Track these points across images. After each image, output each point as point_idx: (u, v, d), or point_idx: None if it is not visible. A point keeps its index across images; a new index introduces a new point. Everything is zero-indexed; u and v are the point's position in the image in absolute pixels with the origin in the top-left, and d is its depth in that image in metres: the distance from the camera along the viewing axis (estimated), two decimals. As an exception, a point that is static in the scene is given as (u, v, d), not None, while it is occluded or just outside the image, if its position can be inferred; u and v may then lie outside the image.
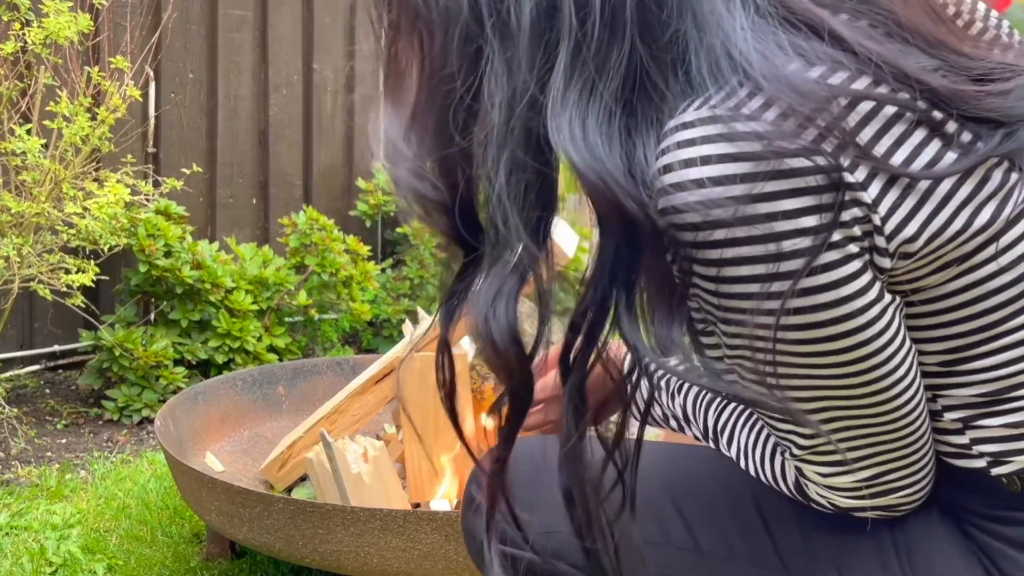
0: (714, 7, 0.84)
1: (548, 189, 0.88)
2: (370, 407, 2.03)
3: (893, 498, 0.96)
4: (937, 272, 0.87)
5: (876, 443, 0.92)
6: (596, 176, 0.83)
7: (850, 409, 0.90)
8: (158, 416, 2.01)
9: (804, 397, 0.89)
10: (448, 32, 0.87)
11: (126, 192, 2.63)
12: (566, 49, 0.84)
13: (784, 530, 1.04)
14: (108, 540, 2.06)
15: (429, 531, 1.59)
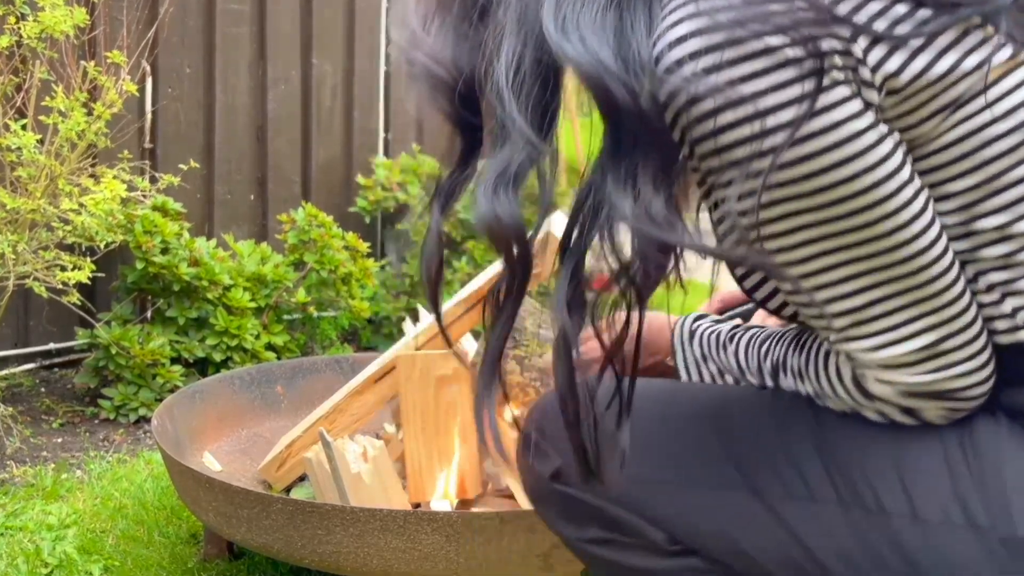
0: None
1: (552, 81, 0.95)
2: (370, 406, 2.03)
3: (955, 375, 0.95)
4: (931, 118, 0.91)
5: (912, 300, 0.93)
6: (591, 66, 0.90)
7: (874, 259, 0.92)
8: (155, 415, 2.00)
9: (827, 255, 0.93)
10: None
11: (122, 188, 2.62)
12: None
13: (835, 447, 1.03)
14: (104, 541, 2.06)
15: (430, 532, 1.59)
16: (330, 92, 3.85)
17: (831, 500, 1.02)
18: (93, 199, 2.56)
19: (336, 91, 3.87)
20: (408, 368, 1.87)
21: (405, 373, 1.87)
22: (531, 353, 1.89)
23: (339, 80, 3.87)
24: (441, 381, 1.86)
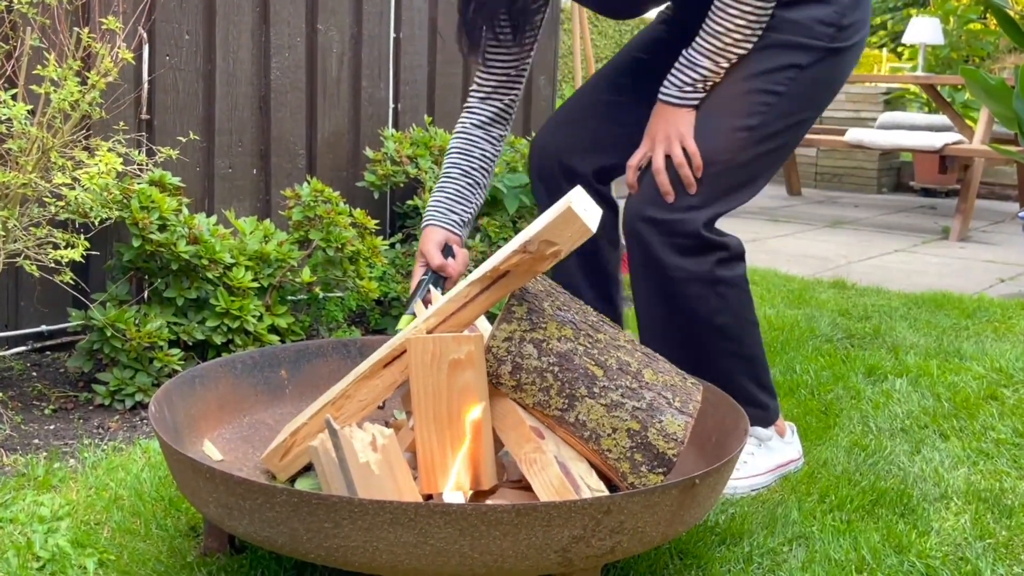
0: None
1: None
2: (378, 392, 2.02)
3: None
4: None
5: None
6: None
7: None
8: (152, 401, 2.00)
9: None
10: None
11: (118, 162, 2.62)
12: None
13: None
14: (99, 533, 2.06)
15: (442, 525, 1.58)
16: (336, 60, 3.83)
17: None
18: (87, 173, 2.56)
19: (343, 59, 3.85)
20: (419, 352, 1.86)
21: (416, 357, 1.86)
22: (549, 336, 1.88)
23: (346, 47, 3.86)
24: (454, 365, 1.85)
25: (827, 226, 6.91)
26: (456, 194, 2.45)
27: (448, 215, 2.43)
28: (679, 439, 1.86)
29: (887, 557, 2.05)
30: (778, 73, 2.19)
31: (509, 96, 2.49)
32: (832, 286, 4.70)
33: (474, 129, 2.48)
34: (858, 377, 3.23)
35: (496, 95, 2.48)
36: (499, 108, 2.48)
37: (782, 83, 2.20)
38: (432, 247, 2.37)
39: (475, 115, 2.50)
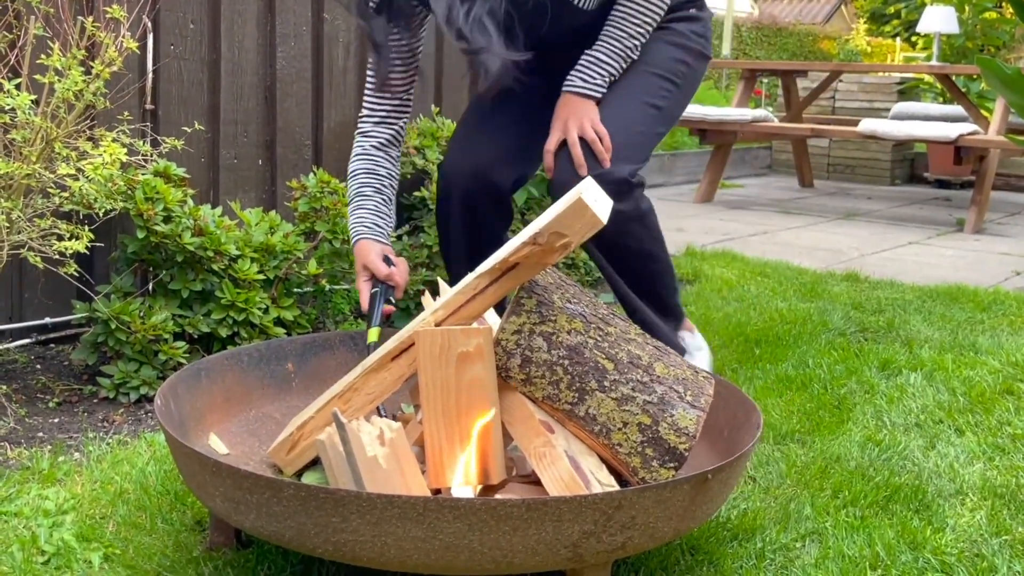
0: None
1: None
2: (386, 385, 2.02)
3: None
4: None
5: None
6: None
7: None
8: (158, 394, 2.00)
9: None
10: None
11: (122, 152, 2.62)
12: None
13: None
14: (104, 527, 2.06)
15: (451, 519, 1.59)
16: (343, 49, 3.83)
17: None
18: (92, 164, 2.56)
19: (350, 48, 3.85)
20: (428, 345, 1.86)
21: (424, 350, 1.86)
22: (559, 329, 1.88)
23: (353, 36, 3.85)
24: (463, 358, 1.85)
25: (840, 218, 6.90)
26: (376, 209, 2.54)
27: (375, 228, 2.51)
28: (691, 433, 1.86)
29: (902, 554, 2.05)
30: (676, 66, 2.58)
31: (401, 121, 2.64)
32: (845, 279, 4.69)
33: (374, 151, 2.59)
34: (872, 371, 3.23)
35: (390, 119, 2.61)
36: (393, 132, 2.62)
37: (679, 76, 2.59)
38: (374, 258, 2.44)
39: (373, 138, 2.60)
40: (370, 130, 2.62)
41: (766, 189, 8.47)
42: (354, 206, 2.54)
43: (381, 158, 2.60)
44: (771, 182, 8.99)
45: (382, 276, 2.42)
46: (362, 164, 2.59)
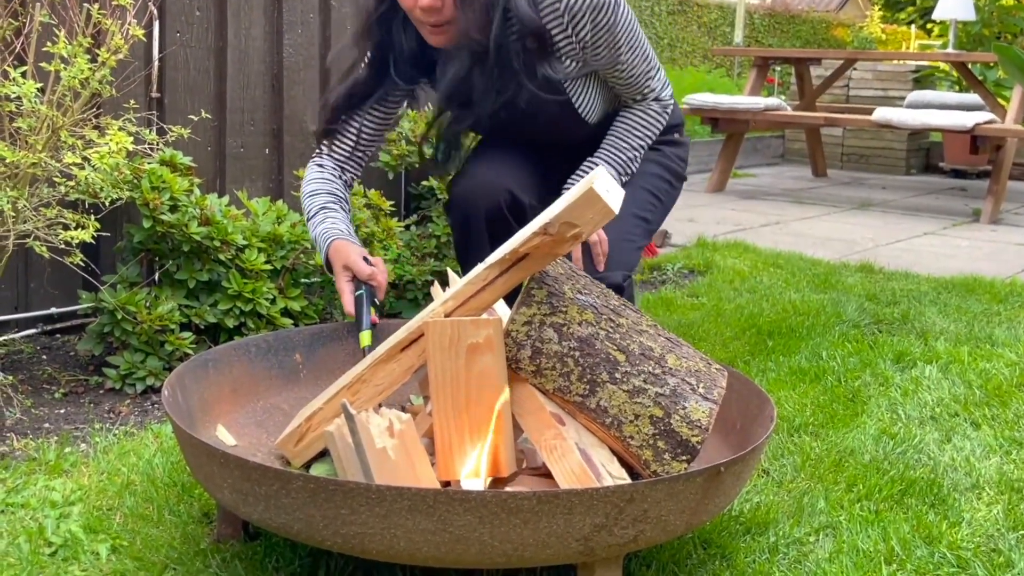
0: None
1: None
2: (395, 376, 2.02)
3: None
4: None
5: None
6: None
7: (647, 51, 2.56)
8: (165, 385, 2.01)
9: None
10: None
11: (129, 140, 2.63)
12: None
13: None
14: (112, 519, 2.07)
15: (462, 512, 1.59)
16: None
17: None
18: (98, 152, 2.56)
19: (357, 36, 3.85)
20: (437, 336, 1.87)
21: (434, 341, 1.87)
22: (570, 320, 1.88)
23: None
24: (473, 350, 1.86)
25: (854, 208, 6.89)
26: (343, 217, 2.54)
27: (347, 232, 2.49)
28: (703, 426, 1.86)
29: (917, 548, 2.05)
30: (661, 184, 2.73)
31: (353, 174, 2.67)
32: (859, 270, 4.69)
33: (333, 178, 2.61)
34: (886, 363, 3.23)
35: (347, 166, 2.64)
36: (348, 178, 2.66)
37: (663, 193, 2.74)
38: (355, 258, 2.41)
39: (329, 170, 2.62)
40: (326, 163, 2.63)
41: (779, 179, 8.45)
42: (322, 216, 2.50)
43: (336, 177, 2.61)
44: (784, 171, 8.98)
45: (364, 276, 2.39)
46: (317, 184, 2.58)
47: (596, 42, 2.44)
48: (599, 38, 2.44)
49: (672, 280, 4.48)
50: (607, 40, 2.45)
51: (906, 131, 8.03)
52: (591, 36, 2.43)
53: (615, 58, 2.49)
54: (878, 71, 9.29)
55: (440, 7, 2.30)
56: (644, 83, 2.59)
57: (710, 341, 3.44)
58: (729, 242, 5.27)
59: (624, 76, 2.55)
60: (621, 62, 2.51)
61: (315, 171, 2.62)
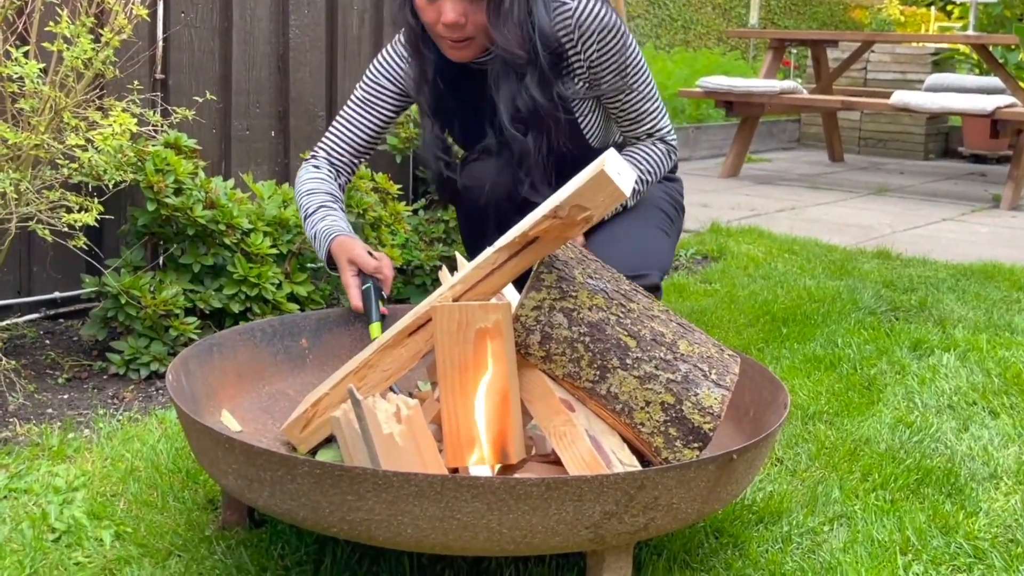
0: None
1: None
2: (402, 362, 2.03)
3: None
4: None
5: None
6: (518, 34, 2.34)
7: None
8: (169, 370, 2.02)
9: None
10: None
11: (132, 122, 2.63)
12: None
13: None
14: (115, 505, 2.08)
15: (469, 499, 1.59)
16: (358, 17, 3.83)
17: None
18: (101, 134, 2.57)
19: (364, 16, 3.85)
20: (445, 320, 1.87)
21: (442, 326, 1.87)
22: (580, 305, 1.88)
23: (368, 3, 3.85)
24: (481, 335, 1.86)
25: (871, 193, 6.88)
26: (343, 216, 2.55)
27: (348, 229, 2.50)
28: (715, 413, 1.86)
29: (933, 538, 2.05)
30: (671, 210, 2.77)
31: (347, 178, 2.71)
32: (876, 256, 4.68)
33: (324, 174, 2.64)
34: (903, 351, 3.22)
35: (342, 169, 2.68)
36: (345, 181, 2.70)
37: (674, 219, 2.78)
38: (360, 251, 2.42)
39: (323, 169, 2.65)
40: (323, 166, 2.66)
41: (794, 163, 8.43)
42: (321, 214, 2.52)
43: (335, 188, 2.62)
44: (800, 156, 8.96)
45: (370, 269, 2.39)
46: (320, 186, 2.60)
47: (603, 62, 2.48)
48: (605, 58, 2.47)
49: (685, 266, 4.48)
50: (614, 63, 2.49)
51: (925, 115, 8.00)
52: (597, 55, 2.46)
53: (622, 85, 2.53)
54: (896, 53, 9.26)
55: (464, 23, 2.35)
56: (652, 121, 2.63)
57: (723, 328, 3.44)
58: (743, 228, 5.26)
59: (632, 108, 2.58)
60: (629, 88, 2.55)
61: (311, 171, 2.64)
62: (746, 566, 1.94)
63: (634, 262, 2.45)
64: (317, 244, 2.50)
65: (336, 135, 2.68)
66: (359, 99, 2.66)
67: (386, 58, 2.65)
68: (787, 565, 1.95)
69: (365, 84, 2.67)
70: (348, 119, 2.67)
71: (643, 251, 2.55)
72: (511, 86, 2.45)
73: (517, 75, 2.43)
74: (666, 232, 2.71)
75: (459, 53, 2.43)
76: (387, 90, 2.64)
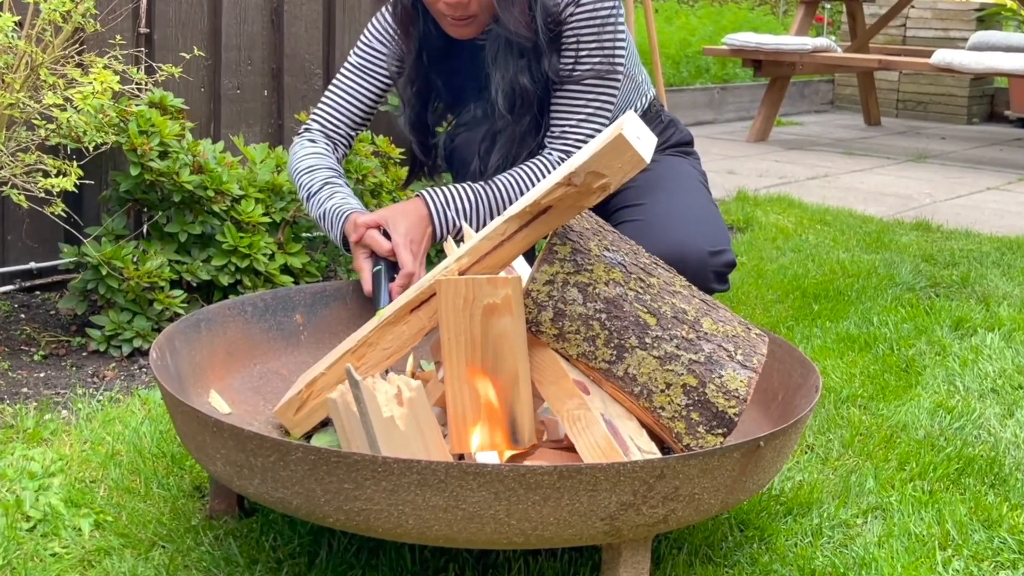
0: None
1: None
2: (404, 340, 2.02)
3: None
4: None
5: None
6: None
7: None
8: (153, 347, 2.01)
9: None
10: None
11: (114, 80, 2.62)
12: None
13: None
14: (95, 492, 2.08)
15: (476, 488, 1.59)
16: (358, -33, 3.82)
17: None
18: (81, 93, 2.56)
19: (365, -34, 3.83)
20: (451, 295, 1.86)
21: (447, 301, 1.86)
22: (596, 280, 1.87)
23: (369, -47, 3.83)
24: (489, 311, 1.85)
25: (910, 160, 6.85)
26: (350, 191, 2.55)
27: (359, 206, 2.49)
28: (741, 396, 1.85)
29: (974, 532, 2.04)
30: (707, 185, 2.77)
31: (343, 151, 2.72)
32: (915, 228, 4.66)
33: (322, 148, 2.64)
34: (944, 330, 3.21)
35: (339, 141, 2.70)
36: (342, 155, 2.72)
37: (710, 194, 2.78)
38: (374, 232, 2.39)
39: (320, 143, 2.66)
40: (319, 140, 2.67)
41: (827, 127, 8.41)
42: (328, 191, 2.51)
43: (335, 162, 2.63)
44: (833, 119, 8.93)
45: (384, 252, 2.38)
46: (321, 161, 2.60)
47: (586, 37, 2.46)
48: (590, 31, 2.46)
49: (709, 238, 4.46)
50: (596, 35, 2.47)
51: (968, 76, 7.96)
52: (585, 26, 2.45)
53: (604, 71, 2.50)
54: (938, 9, 9.20)
55: (467, 2, 2.37)
56: (579, 124, 2.52)
57: (750, 304, 3.43)
58: (772, 196, 5.25)
59: (574, 96, 2.51)
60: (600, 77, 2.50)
61: (307, 146, 2.63)
62: (773, 561, 1.94)
63: (712, 238, 2.45)
64: (327, 224, 2.48)
65: (331, 105, 2.68)
66: (354, 66, 2.67)
67: (380, 22, 2.65)
68: (817, 560, 1.94)
69: (359, 50, 2.67)
70: (343, 88, 2.67)
71: (716, 227, 2.55)
72: (511, 65, 2.47)
73: (518, 54, 2.46)
74: (717, 207, 2.74)
75: (461, 31, 2.46)
76: (384, 55, 2.65)
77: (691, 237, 2.41)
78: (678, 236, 2.42)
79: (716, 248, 2.42)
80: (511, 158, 2.55)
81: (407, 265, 2.32)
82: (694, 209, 2.56)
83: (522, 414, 1.88)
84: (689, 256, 2.37)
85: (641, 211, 2.55)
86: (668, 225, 2.46)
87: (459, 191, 2.45)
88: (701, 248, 2.41)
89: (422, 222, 2.41)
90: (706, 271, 2.41)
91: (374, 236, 2.37)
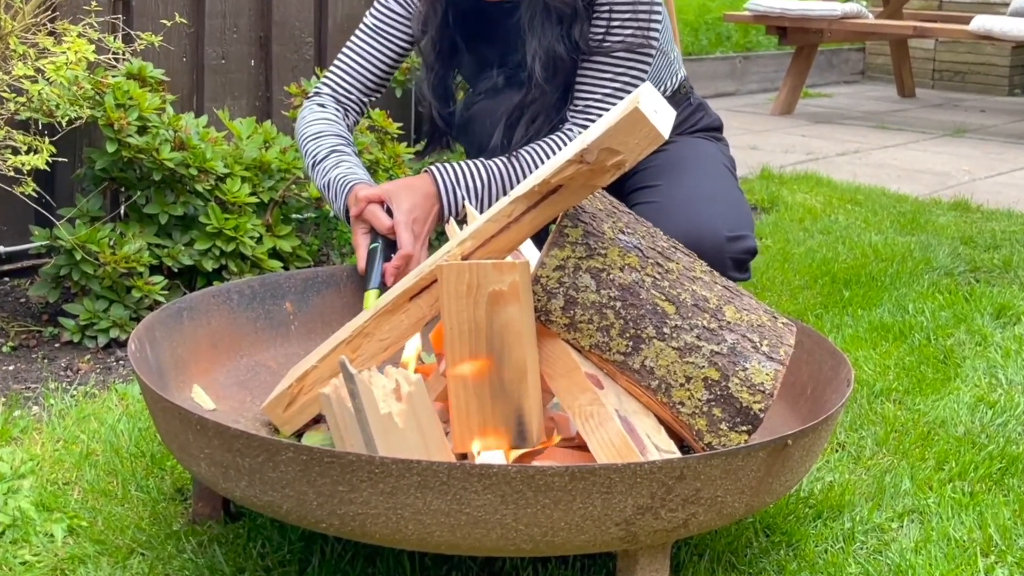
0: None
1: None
2: (403, 330, 2.02)
3: None
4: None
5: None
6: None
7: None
8: (132, 338, 2.01)
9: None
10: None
11: (90, 49, 2.62)
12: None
13: None
14: (68, 495, 2.08)
15: (480, 490, 1.59)
16: (352, -73, 3.81)
17: None
18: (53, 63, 2.56)
19: (359, -74, 3.83)
20: (453, 282, 1.85)
21: (449, 288, 1.86)
22: (610, 265, 1.87)
23: (363, -88, 3.83)
24: (495, 298, 1.85)
25: (947, 135, 6.85)
26: (359, 161, 2.57)
27: (367, 178, 2.50)
28: (767, 391, 1.85)
29: (1019, 537, 2.04)
30: (734, 171, 2.81)
31: (355, 118, 2.75)
32: (953, 208, 4.66)
33: (331, 113, 2.66)
34: (985, 319, 3.21)
35: (350, 108, 2.72)
36: (353, 122, 2.74)
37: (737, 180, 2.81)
38: (375, 207, 2.39)
39: (329, 108, 2.68)
40: (329, 104, 2.68)
41: (858, 99, 8.40)
42: (335, 159, 2.52)
43: (344, 129, 2.65)
44: (864, 91, 8.93)
45: (384, 229, 2.37)
46: (329, 127, 2.61)
47: (620, 5, 2.48)
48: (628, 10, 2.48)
49: (730, 219, 4.47)
50: (632, 4, 2.48)
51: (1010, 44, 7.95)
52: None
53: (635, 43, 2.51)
54: (978, -28, 9.19)
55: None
56: (604, 99, 2.54)
57: (775, 291, 3.43)
58: (799, 174, 5.25)
59: (601, 69, 2.53)
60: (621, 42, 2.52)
61: (316, 111, 2.64)
62: (801, 568, 1.93)
63: (732, 222, 2.47)
64: (331, 194, 2.48)
65: (343, 69, 2.69)
66: (369, 27, 2.68)
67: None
68: (849, 568, 1.94)
69: (375, 11, 2.68)
70: (356, 51, 2.68)
71: (737, 209, 2.56)
72: (548, 31, 2.48)
73: (557, 20, 2.47)
74: (732, 172, 2.74)
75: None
76: (402, 17, 2.66)
77: (708, 219, 2.40)
78: (693, 218, 2.42)
79: (735, 233, 2.42)
80: (538, 131, 2.55)
81: (405, 246, 2.32)
82: (715, 192, 2.57)
83: (530, 410, 1.88)
84: (705, 240, 2.36)
85: (657, 192, 2.55)
86: (684, 207, 2.47)
87: (472, 168, 2.45)
88: (719, 232, 2.40)
89: (428, 200, 2.40)
90: (723, 258, 2.42)
91: (374, 211, 2.37)
